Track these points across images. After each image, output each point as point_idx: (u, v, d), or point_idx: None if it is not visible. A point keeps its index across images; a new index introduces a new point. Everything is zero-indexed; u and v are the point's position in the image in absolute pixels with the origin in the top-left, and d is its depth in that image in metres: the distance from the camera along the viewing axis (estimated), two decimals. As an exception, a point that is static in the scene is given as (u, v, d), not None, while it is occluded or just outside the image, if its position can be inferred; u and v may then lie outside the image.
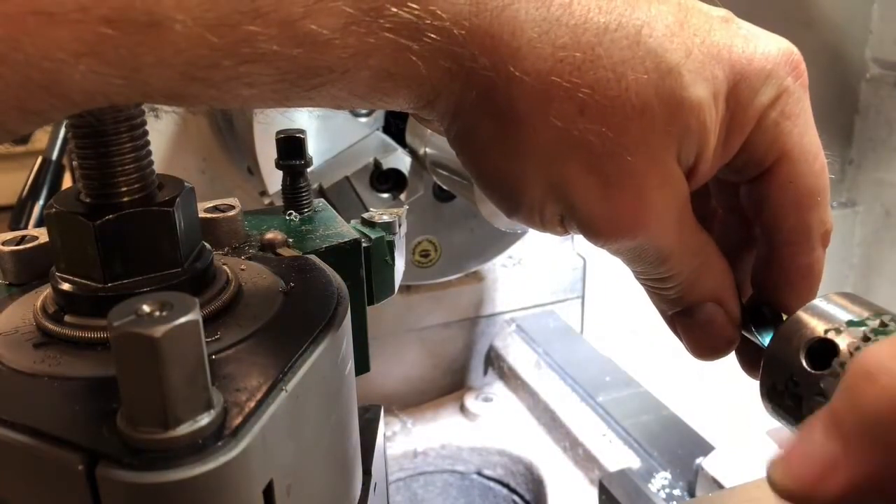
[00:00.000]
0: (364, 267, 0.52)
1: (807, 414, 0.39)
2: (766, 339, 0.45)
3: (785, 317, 0.46)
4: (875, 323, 0.39)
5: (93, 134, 0.38)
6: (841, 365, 0.38)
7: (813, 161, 0.42)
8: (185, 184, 0.41)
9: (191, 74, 0.30)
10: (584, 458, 1.01)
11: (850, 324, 0.39)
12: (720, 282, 0.45)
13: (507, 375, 1.21)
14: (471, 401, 1.18)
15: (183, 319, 0.29)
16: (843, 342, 0.39)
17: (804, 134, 0.41)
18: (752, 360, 0.47)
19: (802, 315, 0.41)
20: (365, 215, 0.56)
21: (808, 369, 0.39)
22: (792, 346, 0.40)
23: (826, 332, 0.39)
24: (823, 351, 0.39)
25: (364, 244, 0.52)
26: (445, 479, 1.15)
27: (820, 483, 0.30)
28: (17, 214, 1.28)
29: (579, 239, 1.26)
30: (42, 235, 0.47)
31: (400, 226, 0.56)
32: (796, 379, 0.40)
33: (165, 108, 0.36)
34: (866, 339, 0.38)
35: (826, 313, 0.41)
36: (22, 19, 0.27)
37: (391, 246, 0.54)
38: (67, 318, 0.38)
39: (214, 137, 1.05)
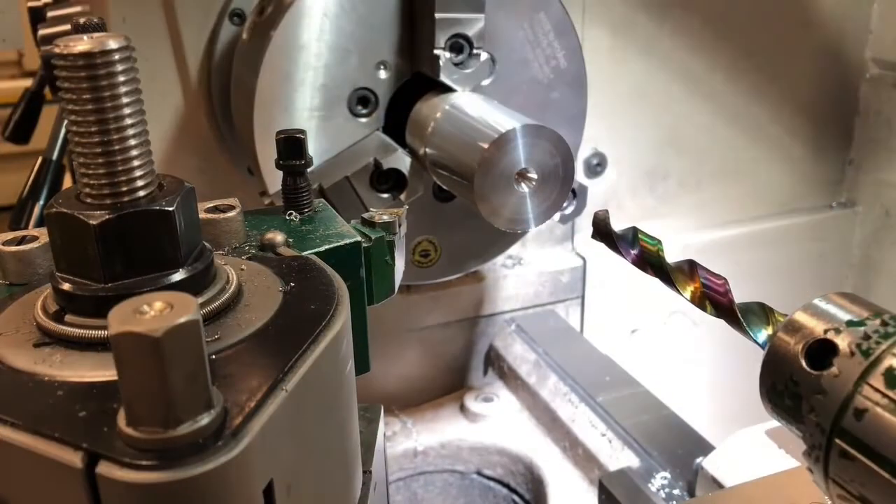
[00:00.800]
0: (364, 267, 0.52)
1: (806, 413, 0.39)
2: (757, 335, 0.45)
3: (776, 313, 0.46)
4: (875, 323, 0.39)
5: (93, 134, 0.38)
6: (839, 368, 0.38)
7: None
8: (185, 184, 0.41)
9: None
10: (584, 458, 1.01)
11: (850, 324, 0.39)
12: None
13: (507, 375, 1.21)
14: (471, 401, 1.18)
15: (183, 319, 0.29)
16: (842, 342, 0.39)
17: None
18: None
19: (802, 314, 0.41)
20: (365, 215, 0.56)
21: (808, 369, 0.39)
22: (792, 345, 0.40)
23: (826, 331, 0.39)
24: (823, 351, 0.39)
25: (364, 244, 0.52)
26: (445, 479, 1.15)
27: None
28: (17, 214, 1.28)
29: (579, 239, 1.26)
30: (42, 235, 0.47)
31: (400, 226, 0.56)
32: (796, 378, 0.40)
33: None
34: (866, 337, 0.38)
35: (826, 313, 0.41)
36: None
37: (391, 246, 0.54)
38: (68, 317, 0.38)
39: (214, 137, 1.05)
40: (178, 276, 0.39)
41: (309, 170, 0.57)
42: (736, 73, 1.26)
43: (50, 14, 1.17)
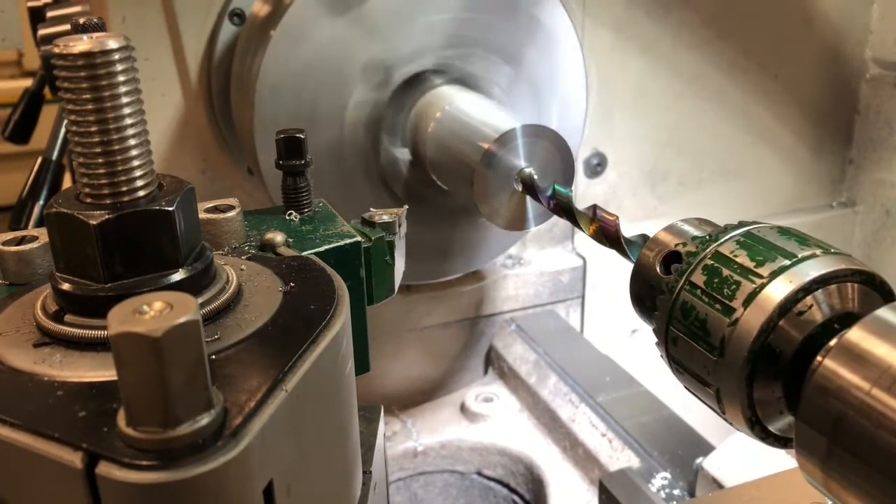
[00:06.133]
0: (364, 267, 0.52)
1: (653, 307, 0.48)
2: (635, 257, 0.53)
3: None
4: (707, 235, 0.47)
5: (93, 133, 0.38)
6: (680, 272, 0.47)
7: None
8: (185, 184, 0.41)
9: None
10: (584, 458, 1.01)
11: (694, 238, 0.49)
12: None
13: (507, 375, 1.21)
14: (471, 401, 1.18)
15: (183, 319, 0.29)
16: (684, 251, 0.48)
17: None
18: None
19: (662, 233, 0.51)
20: (365, 215, 0.56)
21: (661, 274, 0.49)
22: (651, 257, 0.50)
23: (676, 245, 0.49)
24: (674, 259, 0.49)
25: (364, 244, 0.52)
26: (445, 479, 1.15)
27: None
28: (17, 214, 1.28)
29: (579, 239, 1.26)
30: (42, 235, 0.47)
31: (400, 226, 0.56)
32: (652, 283, 0.50)
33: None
34: (697, 247, 0.47)
35: (680, 231, 0.50)
36: None
37: (391, 246, 0.54)
38: (68, 317, 0.38)
39: (214, 137, 1.05)
40: (177, 276, 0.39)
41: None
42: (736, 72, 1.26)
43: (50, 14, 1.17)
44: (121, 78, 0.38)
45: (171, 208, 0.39)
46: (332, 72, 0.91)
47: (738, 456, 0.87)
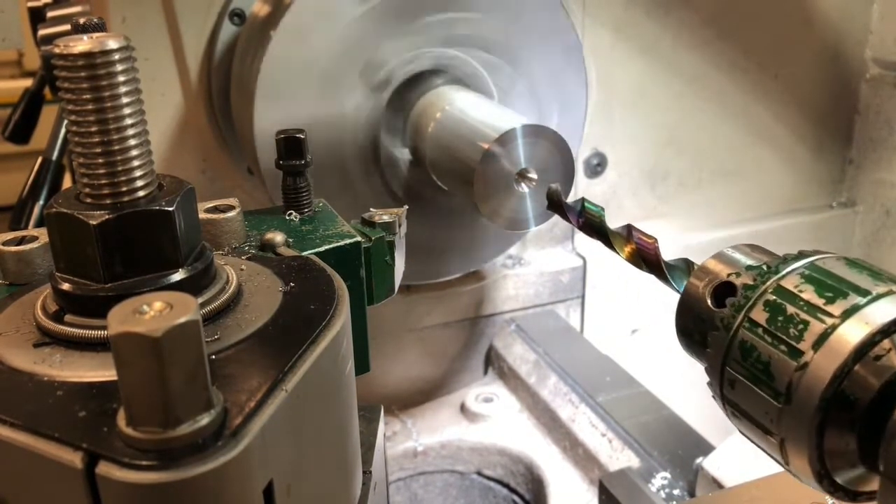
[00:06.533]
0: (364, 267, 0.52)
1: (705, 344, 0.44)
2: (679, 286, 0.50)
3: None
4: (764, 266, 0.44)
5: (93, 134, 0.38)
6: (736, 306, 0.43)
7: None
8: (185, 184, 0.41)
9: None
10: (584, 458, 1.01)
11: (749, 268, 0.45)
12: None
13: (507, 375, 1.21)
14: (471, 401, 1.18)
15: (183, 319, 0.29)
16: (738, 283, 0.44)
17: None
18: None
19: (711, 261, 0.47)
20: (365, 215, 0.56)
21: (711, 307, 0.45)
22: (700, 288, 0.46)
23: (728, 275, 0.45)
24: (726, 292, 0.45)
25: (364, 244, 0.52)
26: (445, 479, 1.15)
27: None
28: (17, 214, 1.28)
29: (579, 239, 1.26)
30: (42, 235, 0.47)
31: (400, 226, 0.56)
32: (703, 317, 0.46)
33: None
34: (755, 279, 0.43)
35: (731, 259, 0.46)
36: None
37: (391, 246, 0.54)
38: (67, 317, 0.38)
39: (214, 137, 1.05)
40: (177, 276, 0.39)
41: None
42: (736, 72, 1.26)
43: (50, 14, 1.17)
44: (121, 78, 0.38)
45: (171, 208, 0.39)
46: (332, 72, 0.91)
47: (738, 456, 0.87)
